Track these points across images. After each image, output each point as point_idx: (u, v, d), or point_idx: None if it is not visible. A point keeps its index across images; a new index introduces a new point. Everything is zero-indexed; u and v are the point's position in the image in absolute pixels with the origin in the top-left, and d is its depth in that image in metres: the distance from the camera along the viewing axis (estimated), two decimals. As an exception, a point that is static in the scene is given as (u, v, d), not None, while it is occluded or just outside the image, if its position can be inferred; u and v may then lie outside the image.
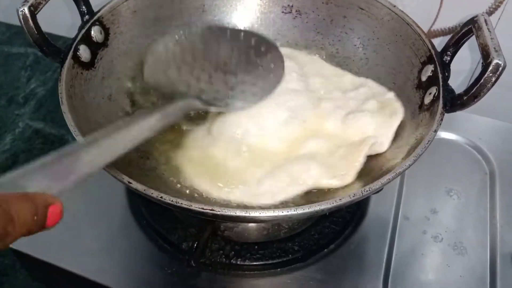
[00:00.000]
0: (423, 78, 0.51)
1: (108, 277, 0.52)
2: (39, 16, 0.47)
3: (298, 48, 0.64)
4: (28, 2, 0.46)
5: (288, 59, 0.58)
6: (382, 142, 0.51)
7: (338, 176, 0.48)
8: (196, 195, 0.49)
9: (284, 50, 0.59)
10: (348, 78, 0.60)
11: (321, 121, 0.54)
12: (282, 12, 0.64)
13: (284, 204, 0.47)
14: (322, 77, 0.60)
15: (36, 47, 0.48)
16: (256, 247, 0.54)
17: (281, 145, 0.52)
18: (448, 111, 0.45)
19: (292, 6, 0.64)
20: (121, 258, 0.54)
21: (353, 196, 0.38)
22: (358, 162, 0.49)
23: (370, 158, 0.50)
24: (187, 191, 0.49)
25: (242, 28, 0.64)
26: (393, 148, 0.50)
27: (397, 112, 0.52)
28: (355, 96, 0.56)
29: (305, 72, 0.60)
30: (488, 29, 0.44)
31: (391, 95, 0.55)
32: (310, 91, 0.57)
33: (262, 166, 0.50)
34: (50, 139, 0.78)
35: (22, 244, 0.54)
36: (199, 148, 0.52)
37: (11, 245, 0.54)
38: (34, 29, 0.46)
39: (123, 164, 0.47)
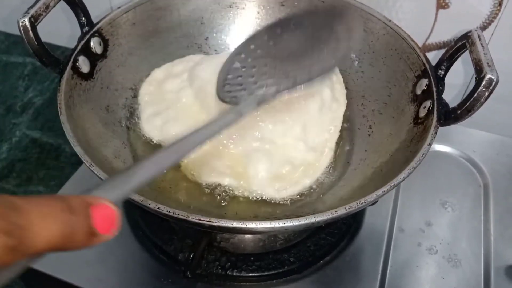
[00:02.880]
0: (418, 92, 0.51)
1: (104, 288, 0.52)
2: (38, 26, 0.47)
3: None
4: (28, 13, 0.46)
5: None
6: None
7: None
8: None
9: None
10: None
11: None
12: (279, 25, 0.65)
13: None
14: None
15: (35, 57, 0.48)
16: (252, 258, 0.54)
17: None
18: (442, 125, 0.46)
19: (289, 19, 0.65)
20: (118, 268, 0.54)
21: (349, 208, 0.39)
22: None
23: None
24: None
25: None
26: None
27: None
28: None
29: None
30: (481, 44, 0.45)
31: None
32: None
33: None
34: (46, 149, 0.79)
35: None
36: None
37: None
38: (34, 40, 0.47)
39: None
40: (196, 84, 0.57)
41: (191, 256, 0.51)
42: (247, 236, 0.56)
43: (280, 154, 0.54)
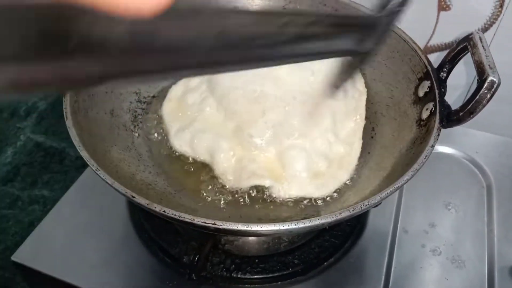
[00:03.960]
0: (420, 94, 0.52)
1: (109, 291, 0.52)
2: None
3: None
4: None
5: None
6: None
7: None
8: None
9: None
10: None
11: None
12: (282, 28, 0.65)
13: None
14: None
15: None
16: (256, 260, 0.54)
17: None
18: (444, 127, 0.46)
19: (291, 22, 0.65)
20: (123, 271, 0.54)
21: (353, 210, 0.39)
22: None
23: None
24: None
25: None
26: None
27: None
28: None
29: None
30: (483, 46, 0.45)
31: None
32: None
33: None
34: (51, 152, 0.79)
35: (23, 257, 0.55)
36: None
37: (12, 258, 0.54)
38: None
39: (126, 178, 0.48)
40: (218, 92, 0.57)
41: (196, 258, 0.51)
42: (252, 238, 0.56)
43: (314, 149, 0.53)
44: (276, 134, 0.54)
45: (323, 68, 0.57)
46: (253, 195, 0.52)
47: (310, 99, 0.55)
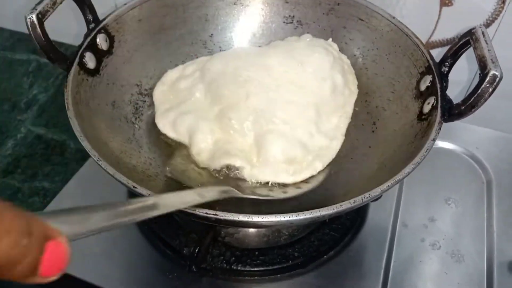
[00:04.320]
0: (422, 88, 0.52)
1: (109, 282, 0.52)
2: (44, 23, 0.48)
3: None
4: (36, 9, 0.47)
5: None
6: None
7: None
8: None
9: None
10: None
11: None
12: (284, 22, 0.66)
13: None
14: None
15: (41, 54, 0.48)
16: (256, 253, 0.54)
17: None
18: (446, 121, 0.46)
19: (293, 16, 0.65)
20: (123, 263, 0.54)
21: (354, 203, 0.39)
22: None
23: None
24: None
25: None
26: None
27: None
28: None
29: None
30: (485, 41, 0.45)
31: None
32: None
33: None
34: (51, 145, 0.79)
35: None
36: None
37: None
38: (42, 36, 0.47)
39: (127, 169, 0.48)
40: (208, 77, 0.58)
41: (196, 250, 0.51)
42: (252, 231, 0.56)
43: (293, 136, 0.53)
44: (256, 119, 0.54)
45: (311, 60, 0.58)
46: (225, 176, 0.51)
47: (296, 89, 0.56)
